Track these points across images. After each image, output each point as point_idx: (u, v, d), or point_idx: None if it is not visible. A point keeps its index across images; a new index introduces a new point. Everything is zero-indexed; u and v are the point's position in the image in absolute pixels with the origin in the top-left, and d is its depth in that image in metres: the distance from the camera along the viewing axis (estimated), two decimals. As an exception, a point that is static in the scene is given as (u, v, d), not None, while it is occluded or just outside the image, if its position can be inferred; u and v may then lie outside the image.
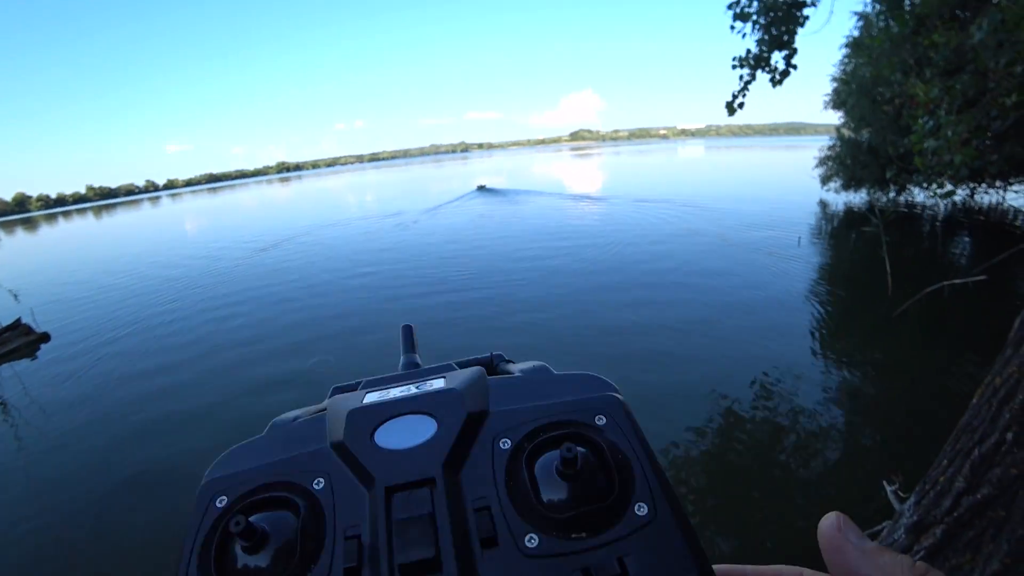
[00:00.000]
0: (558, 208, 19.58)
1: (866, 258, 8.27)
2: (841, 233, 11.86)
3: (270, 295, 9.77)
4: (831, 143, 13.63)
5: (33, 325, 8.51)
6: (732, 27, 8.15)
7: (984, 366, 4.18)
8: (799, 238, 10.86)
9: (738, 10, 8.04)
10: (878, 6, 8.39)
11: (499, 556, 0.24)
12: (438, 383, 0.33)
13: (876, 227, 7.19)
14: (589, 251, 11.06)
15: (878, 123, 10.84)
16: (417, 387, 0.33)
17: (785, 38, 8.05)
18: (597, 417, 0.28)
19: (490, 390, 0.32)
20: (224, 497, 0.27)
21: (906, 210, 12.38)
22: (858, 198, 13.70)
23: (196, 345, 7.38)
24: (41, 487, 4.32)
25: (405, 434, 0.28)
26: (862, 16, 10.44)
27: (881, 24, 8.80)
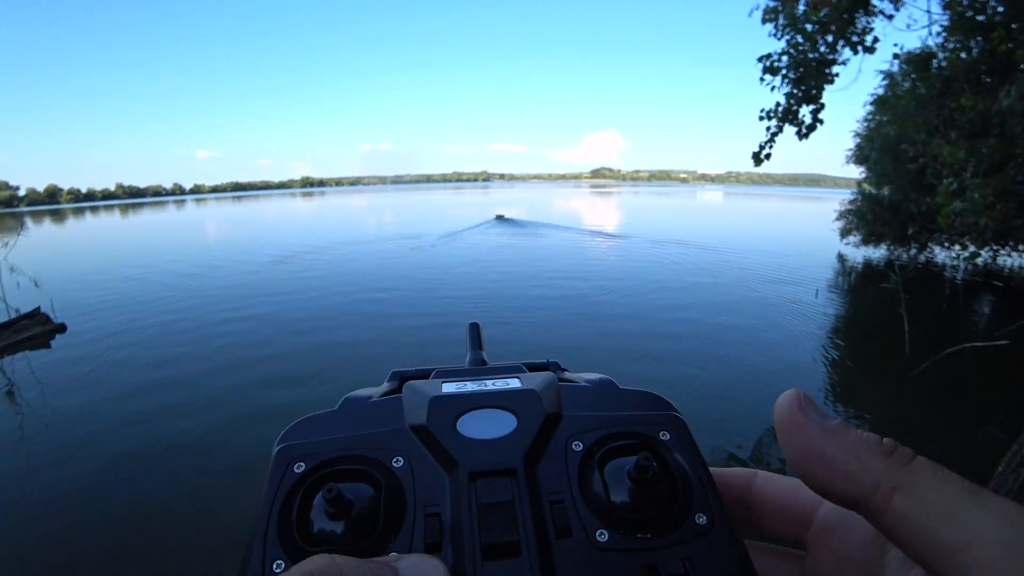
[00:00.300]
0: (577, 243, 19.68)
1: (884, 315, 8.16)
2: (859, 288, 11.75)
3: (283, 305, 9.86)
4: (852, 197, 13.66)
5: (51, 315, 8.63)
6: (762, 79, 8.29)
7: (1007, 432, 4.09)
8: (816, 290, 10.76)
9: (768, 63, 8.19)
10: (905, 66, 8.53)
11: (573, 546, 0.25)
12: (513, 382, 0.34)
13: (895, 284, 7.10)
14: (605, 288, 11.06)
15: (900, 180, 10.87)
16: (493, 383, 0.34)
17: (813, 93, 8.16)
18: (662, 432, 0.30)
19: (562, 395, 0.33)
20: (302, 464, 0.28)
21: (926, 268, 12.25)
22: (877, 253, 13.63)
23: (202, 346, 7.42)
24: (38, 475, 4.32)
25: (487, 426, 0.29)
26: (888, 75, 10.58)
27: (907, 84, 8.94)
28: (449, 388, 0.33)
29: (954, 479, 0.21)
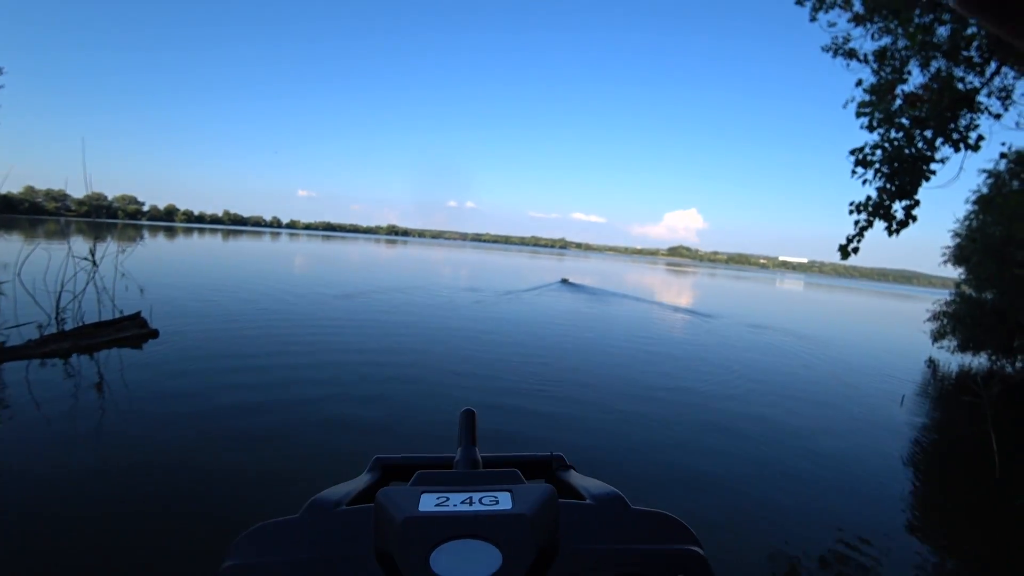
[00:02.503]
0: (649, 316, 19.36)
1: (973, 430, 7.36)
2: (950, 398, 10.70)
3: (360, 332, 10.31)
4: (949, 298, 12.71)
5: (148, 320, 9.44)
6: (853, 172, 8.04)
7: None
8: (903, 396, 9.90)
9: (860, 156, 7.95)
10: (1014, 166, 8.04)
11: None
12: (504, 498, 0.29)
13: (981, 399, 6.43)
14: (665, 359, 10.73)
15: (1006, 286, 10.02)
16: (480, 499, 0.29)
17: (908, 189, 7.80)
18: None
19: (561, 519, 0.28)
20: None
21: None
22: (975, 362, 12.41)
23: (274, 373, 7.81)
24: (106, 451, 4.64)
25: (466, 563, 0.25)
26: (992, 174, 10.00)
27: (1016, 184, 8.40)
28: (428, 503, 0.28)
29: None
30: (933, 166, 7.67)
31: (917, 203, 7.92)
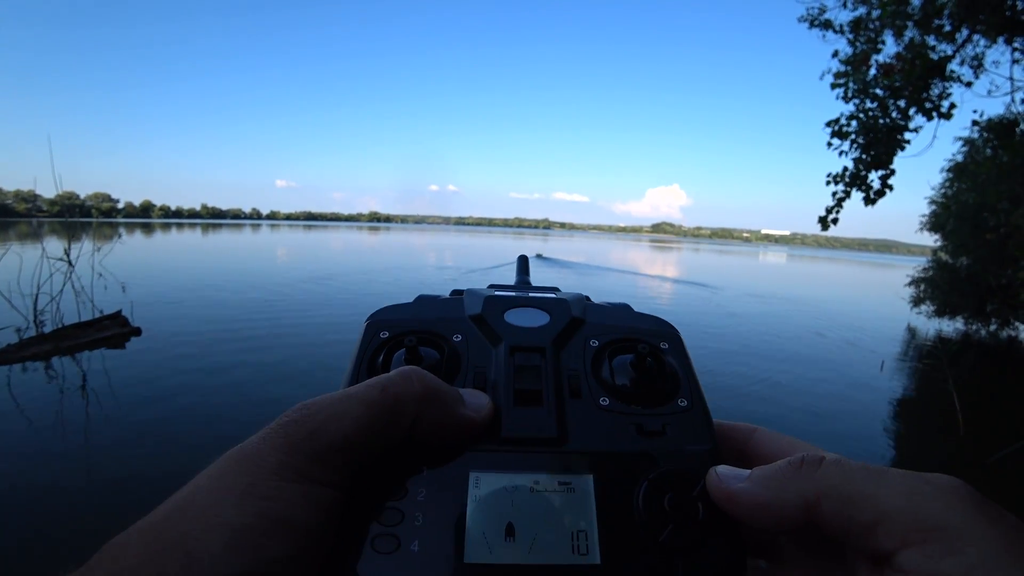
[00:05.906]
0: (633, 286, 19.47)
1: (944, 393, 7.60)
2: (927, 362, 10.99)
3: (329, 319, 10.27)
4: (926, 265, 12.96)
5: (130, 319, 9.29)
6: (829, 144, 8.07)
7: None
8: (883, 362, 10.13)
9: (836, 128, 7.98)
10: (986, 133, 8.13)
11: (581, 404, 0.34)
12: (550, 295, 0.43)
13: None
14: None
15: (979, 251, 10.24)
16: (534, 295, 0.43)
17: (883, 159, 7.87)
18: (662, 343, 0.39)
19: (587, 309, 0.42)
20: (387, 331, 0.38)
21: (1011, 345, 11.28)
22: (951, 326, 12.69)
23: (266, 367, 7.77)
24: (93, 452, 4.62)
25: (527, 318, 0.39)
26: (967, 141, 10.12)
27: (988, 151, 8.53)
28: (500, 293, 0.43)
29: (858, 467, 0.24)
30: (907, 135, 7.75)
31: (892, 172, 8.01)
